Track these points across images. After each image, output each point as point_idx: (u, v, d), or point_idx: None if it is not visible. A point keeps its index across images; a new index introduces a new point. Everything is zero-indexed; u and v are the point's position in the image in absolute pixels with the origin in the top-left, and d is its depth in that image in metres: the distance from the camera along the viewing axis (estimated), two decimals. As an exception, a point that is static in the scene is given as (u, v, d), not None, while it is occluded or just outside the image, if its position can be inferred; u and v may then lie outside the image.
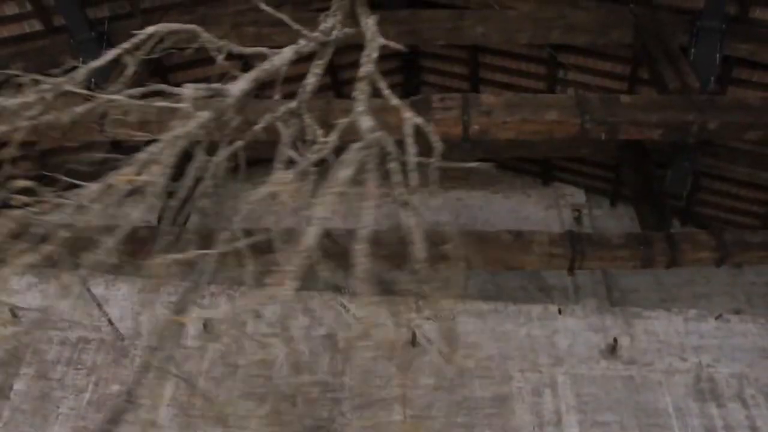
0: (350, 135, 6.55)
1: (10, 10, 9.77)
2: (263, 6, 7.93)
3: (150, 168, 5.47)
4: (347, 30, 8.11)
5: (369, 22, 8.12)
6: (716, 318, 9.89)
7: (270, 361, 9.39)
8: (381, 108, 8.37)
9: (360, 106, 6.85)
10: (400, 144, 6.53)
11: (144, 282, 9.90)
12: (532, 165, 13.34)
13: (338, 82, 12.69)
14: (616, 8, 9.94)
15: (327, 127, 8.21)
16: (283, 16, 7.90)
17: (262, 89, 7.32)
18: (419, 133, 8.27)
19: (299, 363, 6.40)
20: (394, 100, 7.17)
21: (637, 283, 11.52)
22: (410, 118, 6.87)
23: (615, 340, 9.51)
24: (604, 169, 12.90)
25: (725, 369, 9.35)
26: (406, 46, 11.86)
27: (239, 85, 6.63)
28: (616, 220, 12.83)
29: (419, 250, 5.89)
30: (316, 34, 7.89)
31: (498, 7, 10.14)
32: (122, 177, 5.38)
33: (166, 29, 6.80)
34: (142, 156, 5.55)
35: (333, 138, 6.47)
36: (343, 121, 6.72)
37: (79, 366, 9.23)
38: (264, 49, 7.41)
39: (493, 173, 13.52)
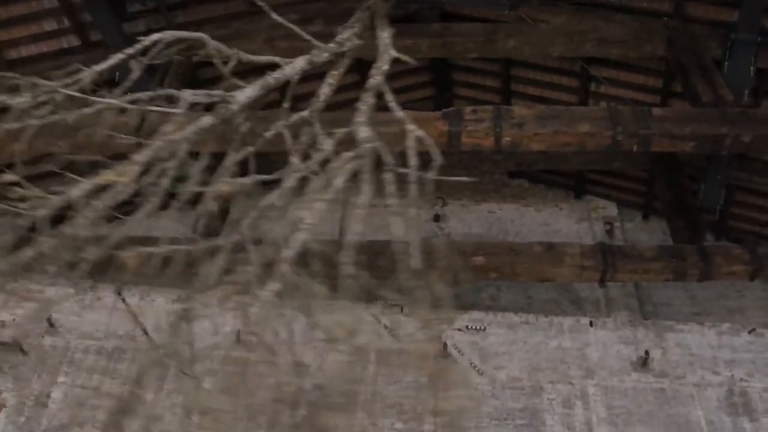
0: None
1: (49, 26, 9.96)
2: (275, 16, 8.01)
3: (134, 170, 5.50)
4: (359, 42, 8.19)
5: (384, 35, 8.18)
6: (749, 332, 9.84)
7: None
8: (384, 121, 8.46)
9: (361, 116, 6.90)
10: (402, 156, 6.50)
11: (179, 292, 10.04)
12: (564, 178, 13.32)
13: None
14: (650, 21, 9.92)
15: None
16: (293, 26, 8.00)
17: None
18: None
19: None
20: (399, 113, 7.20)
21: (669, 297, 11.45)
22: (413, 130, 6.88)
23: (646, 352, 9.49)
24: (637, 182, 12.85)
25: (758, 383, 9.29)
26: (438, 59, 11.98)
27: (246, 93, 6.70)
28: (648, 234, 12.77)
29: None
30: (330, 45, 7.97)
31: (530, 20, 10.15)
32: (106, 176, 5.42)
33: (173, 36, 6.89)
34: (137, 159, 5.59)
35: (329, 147, 6.49)
36: (341, 131, 6.75)
37: (115, 375, 9.36)
38: (276, 58, 7.50)
39: (525, 186, 13.57)
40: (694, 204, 10.52)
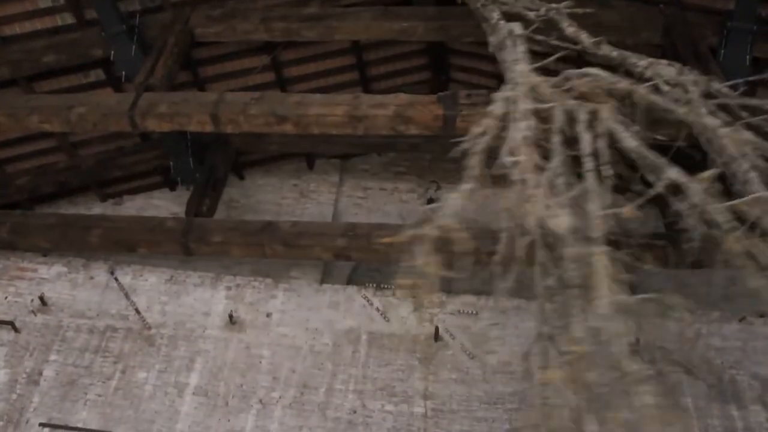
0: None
1: (44, 3, 9.90)
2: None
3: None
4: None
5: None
6: (740, 320, 9.86)
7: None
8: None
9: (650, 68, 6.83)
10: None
11: (172, 272, 10.06)
12: (558, 163, 13.30)
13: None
14: (646, 8, 9.90)
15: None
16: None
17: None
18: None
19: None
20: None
21: (660, 284, 11.44)
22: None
23: (637, 339, 9.50)
24: (632, 168, 12.84)
25: (747, 371, 9.32)
26: (435, 42, 11.94)
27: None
28: (641, 220, 12.75)
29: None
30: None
31: (527, 5, 10.12)
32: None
33: None
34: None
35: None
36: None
37: (107, 354, 9.37)
38: None
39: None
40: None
